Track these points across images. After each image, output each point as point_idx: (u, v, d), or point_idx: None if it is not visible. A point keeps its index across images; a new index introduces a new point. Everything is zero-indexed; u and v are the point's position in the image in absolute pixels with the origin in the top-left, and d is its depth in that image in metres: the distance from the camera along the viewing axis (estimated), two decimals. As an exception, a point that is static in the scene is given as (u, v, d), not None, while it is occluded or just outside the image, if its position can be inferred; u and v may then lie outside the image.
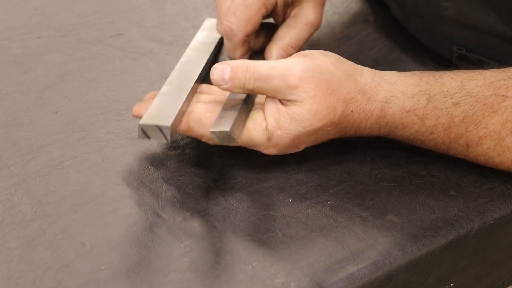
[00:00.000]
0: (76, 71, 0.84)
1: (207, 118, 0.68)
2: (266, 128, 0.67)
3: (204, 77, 0.77)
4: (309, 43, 0.91)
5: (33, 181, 0.69)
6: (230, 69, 0.67)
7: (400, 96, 0.69)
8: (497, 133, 0.69)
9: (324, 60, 0.68)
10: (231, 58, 0.81)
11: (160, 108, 0.66)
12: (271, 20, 0.85)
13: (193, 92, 0.72)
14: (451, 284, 0.70)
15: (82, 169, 0.71)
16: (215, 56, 0.87)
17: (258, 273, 0.62)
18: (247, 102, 0.70)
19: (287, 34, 0.81)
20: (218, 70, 0.67)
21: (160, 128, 0.64)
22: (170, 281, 0.61)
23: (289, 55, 0.79)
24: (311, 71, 0.67)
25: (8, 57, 0.86)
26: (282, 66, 0.67)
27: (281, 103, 0.68)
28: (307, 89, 0.66)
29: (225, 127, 0.65)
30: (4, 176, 0.70)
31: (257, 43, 0.84)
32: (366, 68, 0.70)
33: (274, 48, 0.81)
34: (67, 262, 0.62)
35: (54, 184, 0.69)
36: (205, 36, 0.85)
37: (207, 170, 0.72)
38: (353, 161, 0.74)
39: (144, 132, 0.65)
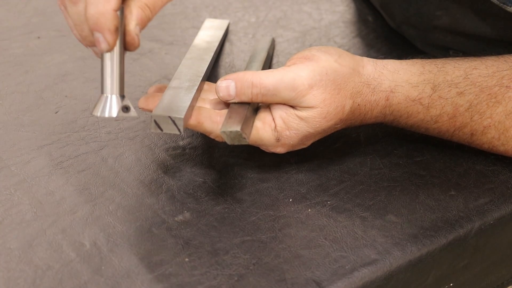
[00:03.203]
0: (76, 71, 0.84)
1: (217, 115, 0.68)
2: (275, 128, 0.67)
3: (209, 75, 0.78)
4: (309, 44, 0.91)
5: (33, 181, 0.69)
6: (234, 85, 0.67)
7: (404, 85, 0.69)
8: (502, 124, 0.69)
9: (327, 60, 0.68)
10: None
11: (171, 101, 0.67)
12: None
13: (201, 88, 0.72)
14: (451, 284, 0.70)
15: (82, 169, 0.71)
16: (219, 55, 0.87)
17: (258, 273, 0.62)
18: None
19: None
20: (223, 88, 0.67)
21: (172, 120, 0.65)
22: (170, 281, 0.61)
23: (146, 14, 0.68)
24: (318, 75, 0.67)
25: (8, 57, 0.86)
26: (289, 77, 0.66)
27: (289, 105, 0.68)
28: (317, 95, 0.66)
29: (236, 126, 0.65)
30: (4, 176, 0.70)
31: None
32: (365, 59, 0.70)
33: (133, 5, 0.68)
34: (67, 262, 0.62)
35: (54, 184, 0.69)
36: (207, 35, 0.85)
37: (207, 170, 0.72)
38: (353, 161, 0.74)
39: (157, 123, 0.65)
